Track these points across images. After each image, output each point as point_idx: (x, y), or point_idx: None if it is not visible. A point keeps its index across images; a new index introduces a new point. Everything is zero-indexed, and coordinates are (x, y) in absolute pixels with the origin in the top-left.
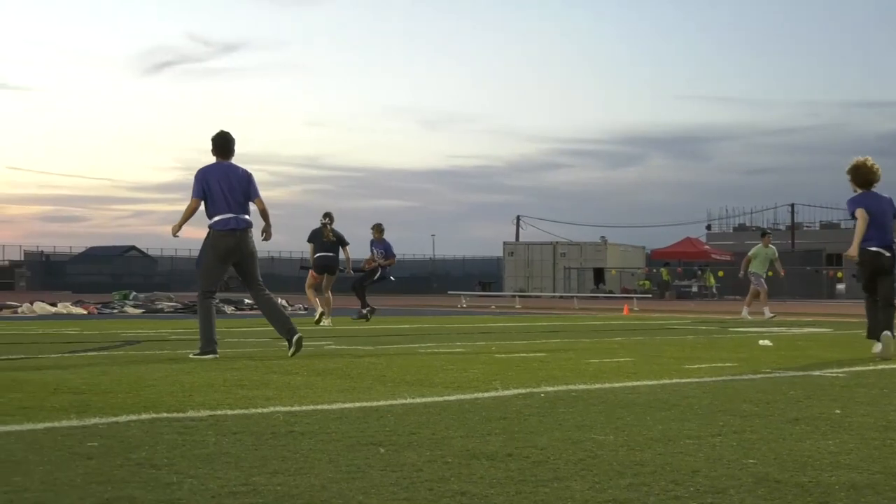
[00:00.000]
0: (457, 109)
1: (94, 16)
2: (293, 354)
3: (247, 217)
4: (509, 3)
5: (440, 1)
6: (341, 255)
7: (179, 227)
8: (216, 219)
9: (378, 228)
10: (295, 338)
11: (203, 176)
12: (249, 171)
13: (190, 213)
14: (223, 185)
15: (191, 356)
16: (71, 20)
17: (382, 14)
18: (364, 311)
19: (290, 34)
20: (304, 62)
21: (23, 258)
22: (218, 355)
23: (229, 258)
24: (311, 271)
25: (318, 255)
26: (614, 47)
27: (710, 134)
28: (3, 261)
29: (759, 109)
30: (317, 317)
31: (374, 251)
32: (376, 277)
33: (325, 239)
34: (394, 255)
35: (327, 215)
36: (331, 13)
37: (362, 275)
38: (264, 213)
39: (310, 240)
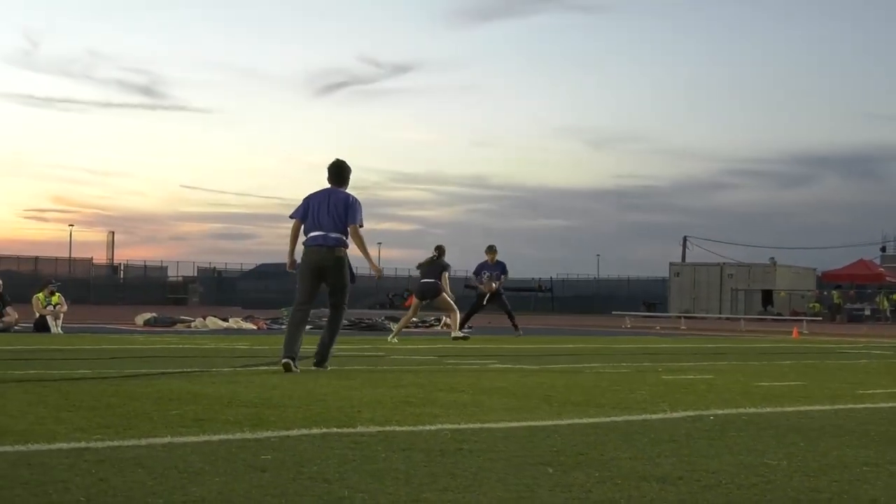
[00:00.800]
0: (623, 129)
1: (266, 38)
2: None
3: (334, 236)
4: (674, 23)
5: (606, 21)
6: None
7: (291, 256)
8: (308, 235)
9: (492, 250)
10: (319, 368)
11: (307, 199)
12: (355, 197)
13: (293, 235)
14: (321, 206)
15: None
16: (244, 43)
17: (548, 34)
18: (461, 333)
19: (459, 56)
20: (472, 83)
21: (196, 274)
22: (296, 368)
23: (317, 272)
24: (411, 296)
25: (421, 280)
26: (784, 65)
27: (885, 153)
28: (178, 276)
29: None
30: (391, 338)
31: (490, 274)
32: (485, 301)
33: (425, 266)
34: (506, 272)
35: (438, 248)
36: (498, 34)
37: (478, 300)
38: (358, 244)
39: (418, 267)
